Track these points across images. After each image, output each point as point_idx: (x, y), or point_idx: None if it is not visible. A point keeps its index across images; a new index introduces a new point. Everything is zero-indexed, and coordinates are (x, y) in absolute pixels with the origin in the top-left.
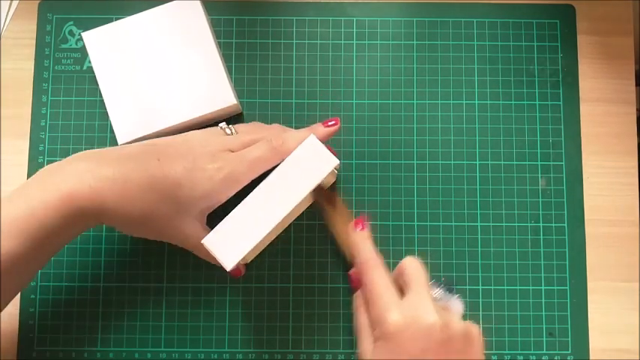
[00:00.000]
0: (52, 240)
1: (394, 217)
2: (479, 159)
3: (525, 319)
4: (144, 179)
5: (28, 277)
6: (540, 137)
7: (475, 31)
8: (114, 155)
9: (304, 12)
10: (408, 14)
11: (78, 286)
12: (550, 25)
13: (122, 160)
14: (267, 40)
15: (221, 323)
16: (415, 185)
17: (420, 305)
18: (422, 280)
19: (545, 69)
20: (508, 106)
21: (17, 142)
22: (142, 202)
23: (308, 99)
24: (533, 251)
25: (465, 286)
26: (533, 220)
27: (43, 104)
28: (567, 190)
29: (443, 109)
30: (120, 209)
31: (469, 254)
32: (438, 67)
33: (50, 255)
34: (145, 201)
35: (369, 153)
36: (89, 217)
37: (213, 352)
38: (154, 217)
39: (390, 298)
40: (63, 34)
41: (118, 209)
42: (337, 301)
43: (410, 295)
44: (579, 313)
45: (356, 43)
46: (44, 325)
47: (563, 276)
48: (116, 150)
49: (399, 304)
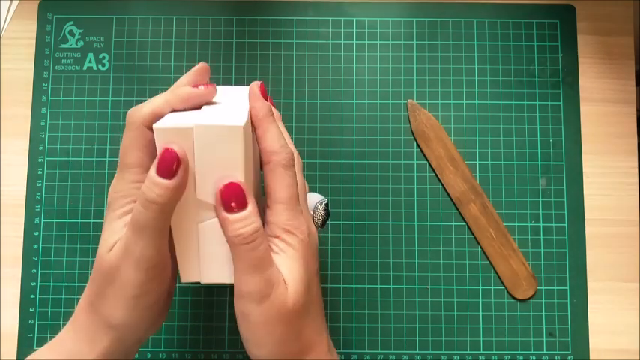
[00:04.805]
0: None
1: (394, 217)
2: (479, 159)
3: (525, 319)
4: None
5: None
6: (540, 137)
7: (475, 31)
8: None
9: (304, 12)
10: (408, 14)
11: (78, 286)
12: (550, 25)
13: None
14: (267, 40)
15: (221, 323)
16: (415, 185)
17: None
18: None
19: (546, 69)
20: (508, 106)
21: (17, 142)
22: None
23: (308, 99)
24: (533, 251)
25: (466, 286)
26: (533, 220)
27: (43, 104)
28: (567, 190)
29: (443, 109)
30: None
31: (469, 254)
32: (438, 67)
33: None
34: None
35: (369, 153)
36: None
37: (213, 352)
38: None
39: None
40: (63, 34)
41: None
42: (337, 301)
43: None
44: (579, 313)
45: (356, 43)
46: (44, 325)
47: (563, 276)
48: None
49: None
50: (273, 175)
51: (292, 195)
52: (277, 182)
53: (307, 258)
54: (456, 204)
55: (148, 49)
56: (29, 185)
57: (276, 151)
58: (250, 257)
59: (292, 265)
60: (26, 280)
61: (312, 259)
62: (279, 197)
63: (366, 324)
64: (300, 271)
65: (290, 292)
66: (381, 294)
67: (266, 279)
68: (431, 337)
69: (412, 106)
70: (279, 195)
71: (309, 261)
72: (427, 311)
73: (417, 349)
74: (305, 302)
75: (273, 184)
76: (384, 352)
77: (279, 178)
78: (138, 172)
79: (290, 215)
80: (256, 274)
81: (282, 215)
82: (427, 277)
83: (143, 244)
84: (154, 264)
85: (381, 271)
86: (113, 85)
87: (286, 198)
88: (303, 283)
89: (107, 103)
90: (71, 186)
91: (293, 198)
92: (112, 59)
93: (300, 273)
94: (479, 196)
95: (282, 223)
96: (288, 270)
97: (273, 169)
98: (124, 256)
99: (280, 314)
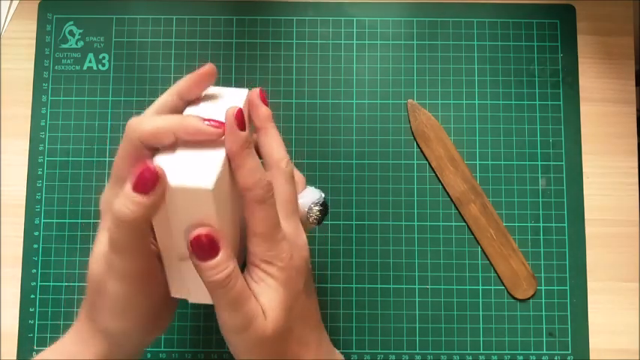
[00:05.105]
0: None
1: (394, 217)
2: (479, 159)
3: (525, 319)
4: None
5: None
6: (540, 137)
7: (475, 31)
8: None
9: (304, 12)
10: (408, 14)
11: (78, 286)
12: (550, 25)
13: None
14: (267, 40)
15: None
16: (415, 185)
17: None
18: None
19: (545, 69)
20: (508, 106)
21: (17, 142)
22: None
23: (308, 99)
24: (533, 251)
25: (466, 286)
26: (533, 220)
27: (43, 104)
28: (567, 190)
29: (443, 109)
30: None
31: (469, 254)
32: (438, 67)
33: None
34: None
35: (369, 153)
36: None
37: (213, 352)
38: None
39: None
40: (63, 34)
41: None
42: (337, 301)
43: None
44: (579, 313)
45: (356, 43)
46: (44, 325)
47: (563, 276)
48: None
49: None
50: (249, 209)
51: (269, 226)
52: (253, 216)
53: (289, 281)
54: (456, 204)
55: (148, 49)
56: (29, 185)
57: (249, 187)
58: (226, 298)
59: (271, 294)
60: (26, 280)
61: (296, 278)
62: (257, 231)
63: (366, 324)
64: (280, 298)
65: (269, 321)
66: (381, 294)
67: (243, 315)
68: (431, 337)
69: (412, 106)
70: (256, 229)
71: (293, 282)
72: (427, 311)
73: (417, 349)
74: (285, 326)
75: (250, 217)
76: (384, 352)
77: (255, 212)
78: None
79: (268, 246)
80: (233, 311)
81: (261, 247)
82: (427, 277)
83: (122, 261)
84: (137, 278)
85: (381, 271)
86: (113, 85)
87: (263, 231)
88: (282, 309)
89: (107, 103)
90: (71, 186)
91: (270, 229)
92: (112, 59)
93: (280, 300)
94: (479, 196)
95: (260, 254)
96: (267, 299)
97: (249, 204)
98: (107, 272)
99: (261, 342)
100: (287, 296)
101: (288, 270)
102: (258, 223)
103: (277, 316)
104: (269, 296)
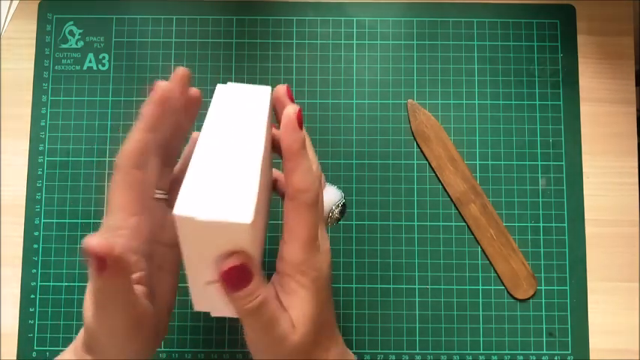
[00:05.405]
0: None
1: (394, 217)
2: (479, 159)
3: (525, 319)
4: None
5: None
6: (540, 137)
7: (475, 31)
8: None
9: (304, 12)
10: (408, 14)
11: (78, 286)
12: (550, 25)
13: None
14: (267, 40)
15: (221, 323)
16: (415, 185)
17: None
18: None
19: (545, 69)
20: (508, 106)
21: (17, 142)
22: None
23: (308, 99)
24: (533, 251)
25: (466, 286)
26: (533, 220)
27: (43, 104)
28: (567, 190)
29: (443, 109)
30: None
31: (469, 254)
32: (438, 67)
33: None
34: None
35: (369, 153)
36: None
37: (213, 352)
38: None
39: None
40: (63, 34)
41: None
42: (337, 301)
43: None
44: (579, 313)
45: (356, 43)
46: (44, 325)
47: (563, 276)
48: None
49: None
50: (297, 214)
51: (313, 235)
52: (300, 221)
53: (319, 292)
54: (456, 204)
55: (148, 49)
56: (29, 185)
57: (304, 189)
58: (258, 324)
59: (304, 307)
60: (26, 280)
61: (325, 288)
62: (300, 236)
63: (366, 324)
64: (311, 312)
65: (298, 335)
66: (381, 294)
67: (274, 337)
68: (431, 337)
69: (412, 106)
70: (300, 234)
71: (322, 293)
72: (427, 311)
73: (417, 349)
74: (313, 338)
75: (295, 222)
76: (384, 352)
77: (303, 217)
78: (121, 217)
79: (306, 256)
80: (264, 335)
81: (299, 255)
82: (427, 277)
83: (109, 316)
84: (129, 327)
85: (381, 271)
86: (113, 85)
87: (306, 238)
88: (313, 323)
89: (107, 103)
90: (71, 186)
91: (313, 236)
92: (112, 59)
93: (311, 314)
94: (479, 196)
95: (297, 264)
96: (298, 313)
97: (298, 207)
98: (98, 323)
99: (288, 354)
100: (317, 309)
101: (320, 281)
102: (303, 229)
103: (307, 330)
104: (301, 310)
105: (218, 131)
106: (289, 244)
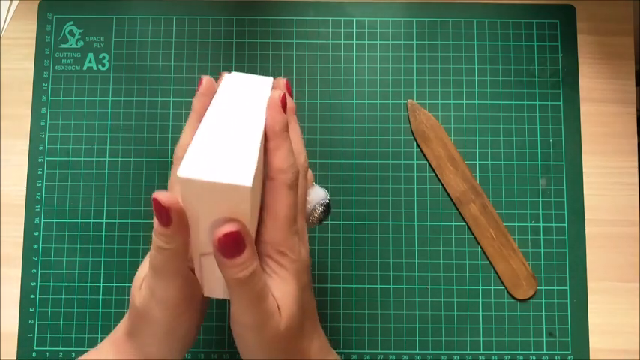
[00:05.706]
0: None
1: (394, 217)
2: (479, 159)
3: (525, 319)
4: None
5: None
6: (540, 137)
7: (475, 31)
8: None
9: (304, 12)
10: (408, 14)
11: (78, 286)
12: (550, 25)
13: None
14: (267, 40)
15: (221, 323)
16: (415, 185)
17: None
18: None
19: (545, 69)
20: (508, 106)
21: (17, 142)
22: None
23: (308, 99)
24: (533, 251)
25: (466, 286)
26: (533, 220)
27: (43, 104)
28: (567, 190)
29: (443, 109)
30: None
31: (469, 254)
32: (438, 67)
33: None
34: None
35: (369, 153)
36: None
37: (213, 352)
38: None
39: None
40: (63, 34)
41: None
42: (337, 301)
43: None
44: (579, 313)
45: (356, 43)
46: (44, 325)
47: (563, 276)
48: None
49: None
50: (276, 194)
51: (291, 216)
52: (279, 201)
53: (299, 274)
54: (456, 204)
55: (148, 49)
56: (29, 185)
57: (283, 169)
58: (248, 296)
59: (285, 288)
60: (26, 280)
61: (304, 272)
62: (278, 216)
63: (366, 324)
64: (293, 293)
65: (284, 318)
66: (381, 294)
67: (261, 312)
68: (431, 337)
69: (412, 106)
70: (278, 214)
71: (302, 276)
72: (427, 311)
73: (417, 349)
74: (298, 323)
75: (274, 202)
76: (384, 352)
77: (282, 197)
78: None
79: (284, 236)
80: (252, 308)
81: (277, 235)
82: (427, 277)
83: (163, 286)
84: (178, 302)
85: (381, 271)
86: (113, 85)
87: (284, 217)
88: (296, 305)
89: (107, 103)
90: (71, 186)
91: (291, 216)
92: (112, 59)
93: (293, 295)
94: (479, 196)
95: (276, 244)
96: (281, 294)
97: (278, 187)
98: (149, 298)
99: (275, 339)
100: (298, 291)
101: (299, 263)
102: (282, 208)
103: (292, 312)
104: (282, 291)
105: (223, 110)
106: (267, 224)
